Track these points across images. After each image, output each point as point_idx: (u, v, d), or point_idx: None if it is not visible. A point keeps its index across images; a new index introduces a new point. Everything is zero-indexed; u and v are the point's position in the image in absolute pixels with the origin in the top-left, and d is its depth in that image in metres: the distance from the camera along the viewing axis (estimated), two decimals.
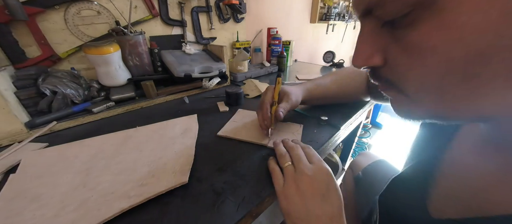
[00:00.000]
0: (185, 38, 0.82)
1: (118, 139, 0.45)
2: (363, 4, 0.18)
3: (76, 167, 0.37)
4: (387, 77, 0.19)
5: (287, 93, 0.46)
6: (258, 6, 1.13)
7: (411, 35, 0.15)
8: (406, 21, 0.15)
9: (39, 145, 0.44)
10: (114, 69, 0.59)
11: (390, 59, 0.18)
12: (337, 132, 0.49)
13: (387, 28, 0.17)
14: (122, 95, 0.62)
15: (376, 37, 0.18)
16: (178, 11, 0.78)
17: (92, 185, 0.32)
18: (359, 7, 0.18)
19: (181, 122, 0.52)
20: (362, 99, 0.59)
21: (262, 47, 1.20)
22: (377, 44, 0.18)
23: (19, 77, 0.50)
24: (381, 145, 1.82)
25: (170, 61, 0.70)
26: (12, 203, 0.30)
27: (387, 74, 0.19)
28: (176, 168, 0.35)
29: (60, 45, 0.58)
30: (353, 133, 0.97)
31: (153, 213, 0.29)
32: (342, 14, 1.76)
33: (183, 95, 0.71)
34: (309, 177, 0.30)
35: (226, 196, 0.31)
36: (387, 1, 0.15)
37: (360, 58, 0.19)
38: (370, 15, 0.18)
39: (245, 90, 0.74)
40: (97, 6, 0.60)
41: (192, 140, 0.44)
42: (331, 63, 1.30)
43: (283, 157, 0.34)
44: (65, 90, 0.54)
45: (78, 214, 0.28)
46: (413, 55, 0.16)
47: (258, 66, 1.04)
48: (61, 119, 0.52)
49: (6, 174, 0.37)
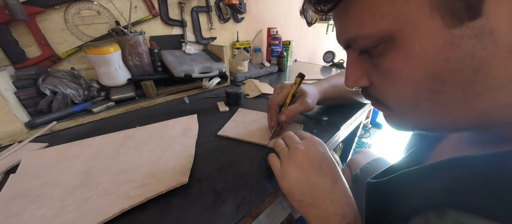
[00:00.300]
0: (185, 38, 0.82)
1: (118, 139, 0.45)
2: (343, 40, 0.22)
3: (76, 167, 0.37)
4: (374, 95, 0.23)
5: (304, 94, 0.44)
6: (258, 6, 1.13)
7: (383, 62, 0.19)
8: (377, 51, 0.19)
9: (39, 145, 0.44)
10: (114, 69, 0.59)
11: (373, 81, 0.22)
12: (337, 132, 0.49)
13: (366, 56, 0.21)
14: (122, 95, 0.62)
15: (360, 64, 0.22)
16: (178, 11, 0.78)
17: (92, 185, 0.32)
18: (340, 41, 0.23)
19: (181, 122, 0.52)
20: None
21: (262, 47, 1.20)
22: (362, 68, 0.22)
23: (19, 77, 0.50)
24: (381, 145, 1.82)
25: (170, 61, 0.70)
26: (12, 203, 0.30)
27: (374, 93, 0.23)
28: (176, 168, 0.35)
29: (60, 45, 0.58)
30: (353, 133, 0.97)
31: (153, 213, 0.29)
32: None
33: (183, 95, 0.71)
34: (302, 151, 0.31)
35: (226, 196, 0.31)
36: (359, 38, 0.20)
37: (350, 80, 0.23)
38: (350, 48, 0.22)
39: (245, 90, 0.74)
40: (97, 6, 0.60)
41: (192, 140, 0.44)
42: (331, 63, 1.30)
43: (278, 144, 0.35)
44: (65, 90, 0.54)
45: (78, 214, 0.28)
46: (388, 77, 0.20)
47: (258, 66, 1.04)
48: (61, 119, 0.52)
49: (6, 174, 0.37)
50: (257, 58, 1.15)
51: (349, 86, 0.24)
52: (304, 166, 0.30)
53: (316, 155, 0.31)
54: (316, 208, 0.28)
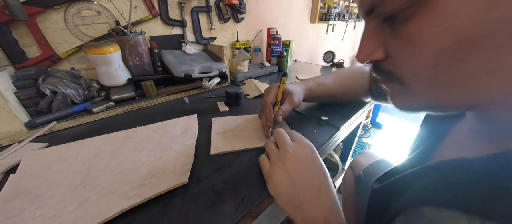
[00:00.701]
0: (185, 38, 0.82)
1: (118, 139, 0.45)
2: (367, 3, 0.20)
3: (76, 167, 0.37)
4: (387, 69, 0.22)
5: (290, 93, 0.47)
6: (258, 6, 1.13)
7: (408, 28, 0.18)
8: (403, 16, 0.18)
9: (39, 145, 0.45)
10: (114, 69, 0.59)
11: (390, 52, 0.21)
12: (337, 132, 0.49)
13: (387, 24, 0.19)
14: (122, 95, 0.62)
15: (378, 34, 0.21)
16: (178, 11, 0.78)
17: (92, 185, 0.33)
18: (363, 5, 0.21)
19: (181, 122, 0.52)
20: (363, 99, 0.59)
21: (262, 47, 1.20)
22: (379, 40, 0.21)
23: (19, 77, 0.50)
24: (381, 145, 1.82)
25: (170, 61, 0.70)
26: (12, 203, 0.30)
27: (387, 66, 0.22)
28: (176, 168, 0.35)
29: (60, 45, 0.58)
30: (353, 133, 0.97)
31: (153, 213, 0.29)
32: (342, 14, 1.76)
33: (183, 95, 0.71)
34: (291, 154, 0.31)
35: (226, 196, 0.31)
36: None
37: (364, 53, 0.22)
38: (372, 13, 0.20)
39: (245, 90, 0.74)
40: (97, 6, 0.60)
41: (192, 140, 0.44)
42: (331, 63, 1.30)
43: (268, 144, 0.36)
44: (65, 90, 0.54)
45: (78, 214, 0.28)
46: (409, 46, 0.18)
47: (258, 66, 1.04)
48: (61, 119, 0.52)
49: (6, 174, 0.37)
50: (257, 58, 1.16)
51: (361, 60, 0.22)
52: (291, 169, 0.30)
53: (304, 159, 0.31)
54: (301, 210, 0.28)
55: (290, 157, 0.31)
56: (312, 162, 0.31)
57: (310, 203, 0.28)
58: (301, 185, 0.29)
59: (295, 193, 0.29)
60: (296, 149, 0.32)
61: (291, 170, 0.30)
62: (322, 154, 0.48)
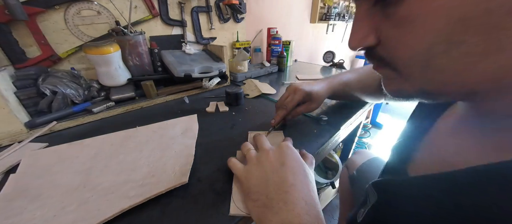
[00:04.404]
0: (185, 38, 0.82)
1: (118, 139, 0.45)
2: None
3: (76, 167, 0.37)
4: (380, 55, 0.21)
5: (311, 101, 0.48)
6: (258, 6, 1.13)
7: (400, 9, 0.17)
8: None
9: (39, 145, 0.45)
10: (114, 69, 0.59)
11: (382, 36, 0.20)
12: (337, 132, 0.49)
13: (379, 7, 0.19)
14: (122, 95, 0.62)
15: (369, 18, 0.20)
16: (178, 11, 0.78)
17: (92, 185, 0.33)
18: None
19: (181, 122, 0.52)
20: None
21: (262, 47, 1.20)
22: (371, 24, 0.20)
23: (19, 77, 0.50)
24: (381, 145, 1.82)
25: (170, 61, 0.70)
26: (12, 203, 0.30)
27: (380, 52, 0.21)
28: (176, 168, 0.35)
29: (60, 45, 0.58)
30: (353, 133, 0.97)
31: (153, 213, 0.29)
32: (342, 14, 1.76)
33: (183, 95, 0.71)
34: (269, 153, 0.32)
35: (226, 196, 0.31)
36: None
37: (356, 39, 0.21)
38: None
39: (245, 90, 0.74)
40: (97, 6, 0.60)
41: (192, 140, 0.44)
42: (331, 63, 1.30)
43: (245, 145, 0.36)
44: (65, 90, 0.54)
45: (78, 214, 0.28)
46: (401, 29, 0.18)
47: (258, 66, 1.04)
48: (61, 119, 0.52)
49: (6, 174, 0.37)
50: (257, 58, 1.16)
51: (353, 47, 0.21)
52: (266, 164, 0.30)
53: (281, 156, 0.31)
54: (270, 210, 0.26)
55: (267, 154, 0.32)
56: (290, 159, 0.30)
57: (279, 201, 0.26)
58: (273, 181, 0.28)
59: (265, 189, 0.27)
60: (275, 149, 0.33)
61: (266, 165, 0.30)
62: (322, 154, 0.48)
